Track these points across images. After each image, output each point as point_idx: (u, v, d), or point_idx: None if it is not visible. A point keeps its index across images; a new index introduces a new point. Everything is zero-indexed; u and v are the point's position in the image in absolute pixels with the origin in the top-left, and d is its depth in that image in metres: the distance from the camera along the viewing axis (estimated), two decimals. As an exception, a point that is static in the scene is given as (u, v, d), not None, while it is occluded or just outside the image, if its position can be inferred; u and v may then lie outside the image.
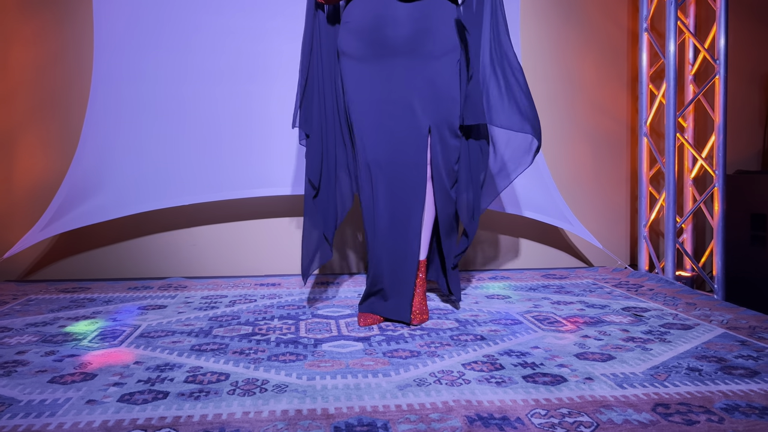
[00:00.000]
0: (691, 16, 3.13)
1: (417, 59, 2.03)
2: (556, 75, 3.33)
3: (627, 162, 3.42)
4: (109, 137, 2.88)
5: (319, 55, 2.21)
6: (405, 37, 2.01)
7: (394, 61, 2.03)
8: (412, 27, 2.01)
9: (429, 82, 2.05)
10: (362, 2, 2.04)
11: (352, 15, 2.07)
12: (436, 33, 2.04)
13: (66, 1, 2.98)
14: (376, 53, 2.04)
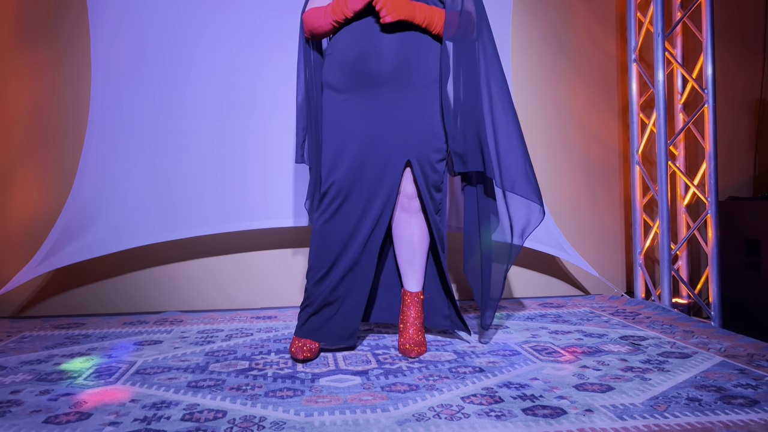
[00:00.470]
0: (679, 47, 3.20)
1: (399, 91, 2.05)
2: (548, 104, 3.38)
3: (620, 189, 3.45)
4: (105, 171, 2.89)
5: (315, 89, 2.23)
6: (388, 69, 2.03)
7: (377, 92, 2.04)
8: (395, 59, 2.02)
9: (411, 113, 2.06)
10: (346, 35, 2.06)
11: (336, 47, 2.09)
12: (419, 65, 2.06)
13: (65, 38, 3.01)
14: (359, 85, 2.05)
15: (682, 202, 3.21)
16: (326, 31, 2.10)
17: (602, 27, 3.43)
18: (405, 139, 2.06)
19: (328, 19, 2.04)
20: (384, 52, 2.02)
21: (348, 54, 2.05)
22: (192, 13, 2.96)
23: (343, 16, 2.02)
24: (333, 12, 2.03)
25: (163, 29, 2.95)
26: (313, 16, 2.09)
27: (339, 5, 2.00)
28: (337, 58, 2.08)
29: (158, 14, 2.95)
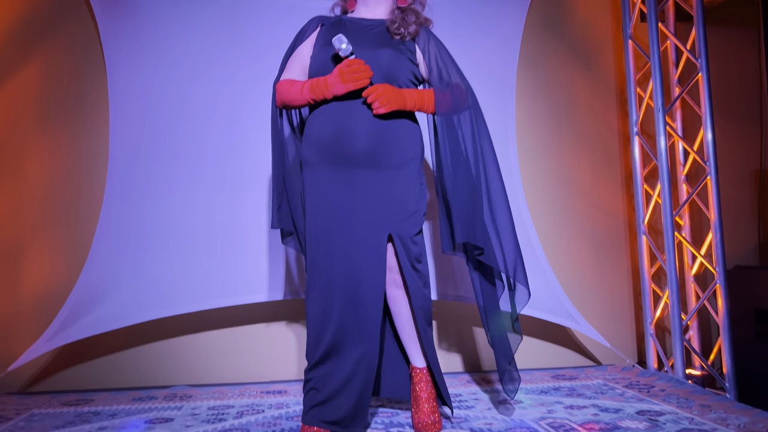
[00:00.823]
0: (678, 120, 3.29)
1: (376, 170, 2.04)
2: (552, 175, 3.45)
3: (627, 258, 3.48)
4: (119, 247, 2.92)
5: (286, 156, 2.27)
6: (364, 150, 2.03)
7: (354, 171, 2.04)
8: (370, 140, 2.03)
9: (387, 190, 2.05)
10: (322, 115, 2.07)
11: (313, 127, 2.10)
12: (395, 144, 2.07)
13: (84, 115, 3.10)
14: (336, 163, 2.05)
15: (690, 272, 3.23)
16: (301, 105, 2.12)
17: (603, 101, 3.54)
18: (383, 216, 2.05)
19: (305, 96, 2.06)
20: (359, 133, 2.03)
21: (324, 134, 2.06)
22: (208, 91, 3.06)
23: (321, 97, 2.03)
24: (312, 91, 2.04)
25: (180, 107, 3.05)
26: (287, 90, 2.11)
27: (319, 86, 2.02)
28: (313, 138, 2.09)
29: (175, 92, 3.05)
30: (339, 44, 1.98)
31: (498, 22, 3.34)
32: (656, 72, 3.05)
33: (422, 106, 2.10)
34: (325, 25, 2.20)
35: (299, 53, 2.20)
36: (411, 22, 2.14)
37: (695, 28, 3.04)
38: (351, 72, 1.97)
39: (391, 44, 2.11)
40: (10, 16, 3.10)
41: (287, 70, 2.20)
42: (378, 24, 2.17)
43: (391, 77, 2.07)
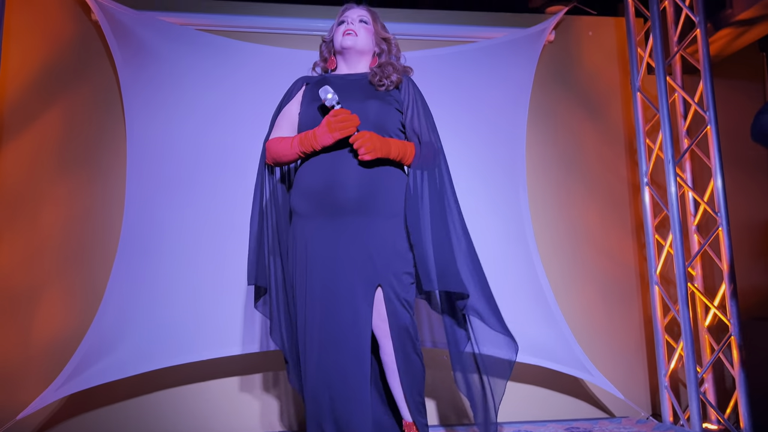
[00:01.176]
0: (688, 171, 3.32)
1: (366, 219, 2.05)
2: (562, 223, 3.46)
3: (639, 308, 3.46)
4: (132, 293, 2.93)
5: (271, 213, 2.27)
6: (354, 200, 2.04)
7: (345, 220, 2.04)
8: (361, 189, 2.05)
9: (377, 240, 2.05)
10: (312, 165, 2.10)
11: (303, 178, 2.12)
12: (386, 194, 2.08)
13: (101, 162, 3.15)
14: (327, 213, 2.06)
15: (703, 323, 3.21)
16: (291, 160, 2.15)
17: (612, 150, 3.58)
18: (373, 265, 2.04)
19: (294, 150, 2.09)
20: (349, 183, 2.05)
21: (314, 184, 2.08)
22: (221, 139, 3.12)
23: (311, 149, 2.06)
24: (301, 144, 2.07)
25: (194, 154, 3.10)
26: (277, 146, 2.14)
27: (308, 139, 2.05)
28: (303, 189, 2.11)
29: (190, 140, 3.11)
30: (325, 95, 2.02)
31: (508, 73, 3.41)
32: (665, 124, 3.10)
33: (404, 156, 2.12)
34: (310, 83, 2.26)
35: (287, 112, 2.24)
36: (391, 72, 2.18)
37: (702, 82, 3.10)
38: (337, 121, 2.00)
39: (377, 95, 2.15)
40: (33, 64, 3.18)
41: (276, 129, 2.24)
42: (361, 77, 2.22)
43: (380, 127, 2.11)
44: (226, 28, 3.31)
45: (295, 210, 2.15)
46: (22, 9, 3.21)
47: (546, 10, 3.64)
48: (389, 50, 2.29)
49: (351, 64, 2.25)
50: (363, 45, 2.23)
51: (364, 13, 2.27)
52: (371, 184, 2.06)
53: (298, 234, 2.12)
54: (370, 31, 2.25)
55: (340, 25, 2.26)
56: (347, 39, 2.21)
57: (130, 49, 3.10)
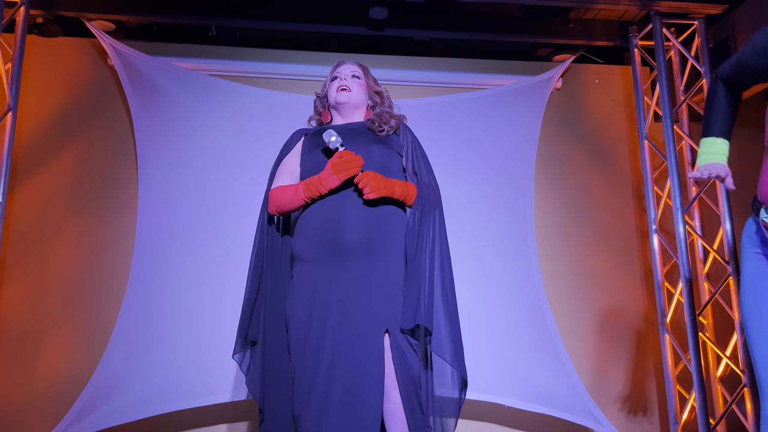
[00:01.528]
0: (697, 219, 3.32)
1: (370, 261, 2.03)
2: (570, 269, 3.45)
3: (649, 356, 3.42)
4: (139, 335, 2.92)
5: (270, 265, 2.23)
6: (358, 241, 2.03)
7: (350, 261, 2.02)
8: (364, 231, 2.04)
9: (383, 282, 2.03)
10: (316, 209, 2.09)
11: (307, 223, 2.11)
12: (390, 234, 2.08)
13: (112, 205, 3.19)
14: (331, 255, 2.04)
15: (715, 373, 3.17)
16: (296, 207, 2.14)
17: (619, 196, 3.59)
18: (379, 308, 2.01)
19: (300, 196, 2.08)
20: (353, 224, 2.04)
21: (318, 227, 2.07)
22: (232, 185, 3.14)
23: (317, 194, 2.06)
24: (306, 189, 2.07)
25: (204, 197, 3.13)
26: (281, 195, 2.14)
27: (313, 183, 2.06)
28: (308, 233, 2.10)
29: (201, 183, 3.14)
30: (329, 137, 2.04)
31: (516, 120, 3.46)
32: (674, 172, 3.11)
33: (407, 196, 2.14)
34: (308, 134, 2.29)
35: (287, 162, 2.26)
36: (388, 119, 2.23)
37: (710, 131, 3.12)
38: (342, 162, 2.02)
39: (379, 140, 2.18)
40: (49, 106, 3.24)
41: (277, 179, 2.25)
42: (360, 125, 2.25)
43: (384, 169, 2.12)
44: (238, 74, 3.38)
45: (298, 255, 2.13)
46: (42, 52, 3.29)
47: (553, 59, 3.70)
48: (382, 102, 2.34)
49: (346, 117, 2.29)
50: (357, 99, 2.28)
51: (356, 69, 2.32)
52: (376, 225, 2.06)
53: (302, 279, 2.09)
54: (363, 85, 2.30)
55: (333, 81, 2.30)
56: (341, 95, 2.25)
57: (145, 93, 3.16)
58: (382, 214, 2.08)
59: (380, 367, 1.96)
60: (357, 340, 1.97)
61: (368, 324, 1.99)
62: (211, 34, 3.62)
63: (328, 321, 2.00)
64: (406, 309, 2.04)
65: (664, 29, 3.27)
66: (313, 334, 2.01)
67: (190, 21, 3.29)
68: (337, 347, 1.97)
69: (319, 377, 1.97)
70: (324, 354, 1.98)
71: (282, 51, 3.48)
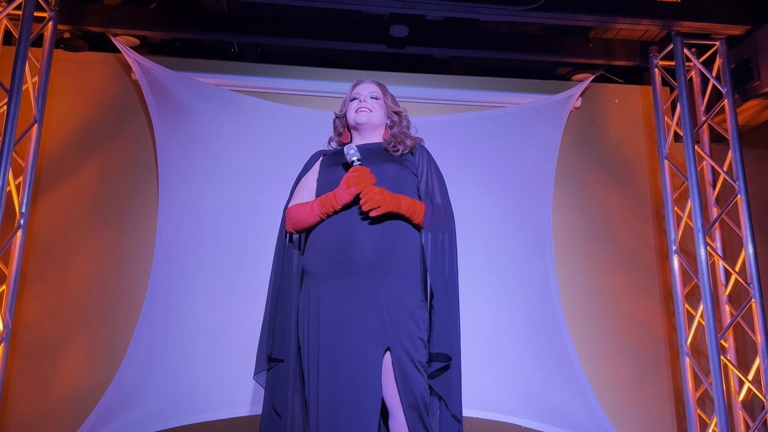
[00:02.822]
0: (718, 240, 3.29)
1: (379, 280, 2.03)
2: (590, 290, 3.42)
3: (669, 379, 3.36)
4: (156, 348, 2.93)
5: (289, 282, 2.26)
6: (369, 259, 2.03)
7: (359, 280, 2.03)
8: (375, 249, 2.04)
9: (391, 301, 2.02)
10: (328, 225, 2.10)
11: (318, 238, 2.12)
12: (401, 254, 2.07)
13: (132, 218, 3.21)
14: (341, 273, 2.04)
15: (737, 397, 3.11)
16: (313, 224, 2.15)
17: (639, 217, 3.56)
18: (384, 327, 2.01)
19: (315, 212, 2.10)
20: (365, 242, 2.05)
21: (330, 244, 2.08)
22: (251, 200, 3.17)
23: (332, 209, 2.08)
24: (321, 206, 2.09)
25: (224, 212, 3.15)
26: (297, 212, 2.16)
27: (328, 200, 2.08)
28: (318, 248, 2.11)
29: (221, 198, 3.16)
30: (348, 151, 2.07)
31: (535, 138, 3.45)
32: (695, 193, 3.08)
33: (413, 214, 2.12)
34: (326, 155, 2.33)
35: (306, 181, 2.29)
36: (404, 138, 2.25)
37: (731, 151, 3.11)
38: (355, 177, 2.04)
39: (394, 160, 2.20)
40: (74, 120, 3.29)
41: (295, 198, 2.28)
42: (377, 146, 2.27)
43: (397, 188, 2.13)
44: (259, 89, 3.41)
45: (307, 270, 2.14)
46: (68, 66, 3.35)
47: (572, 78, 3.70)
48: (400, 122, 2.36)
49: (365, 137, 2.31)
50: (376, 120, 2.29)
51: (375, 89, 2.33)
52: (386, 244, 2.06)
53: (309, 295, 2.11)
54: (382, 106, 2.32)
55: (352, 102, 2.32)
56: (361, 116, 2.27)
57: (168, 108, 3.21)
58: (393, 233, 2.08)
59: (377, 386, 1.97)
60: (357, 357, 1.98)
61: (368, 342, 1.99)
62: (233, 50, 3.67)
63: (331, 337, 2.01)
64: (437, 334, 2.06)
65: (685, 49, 3.26)
66: (318, 350, 2.02)
67: (212, 37, 3.33)
68: (339, 363, 1.98)
69: (323, 393, 1.99)
70: (326, 370, 1.99)
71: (303, 68, 3.52)
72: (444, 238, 2.17)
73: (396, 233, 2.09)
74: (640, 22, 3.14)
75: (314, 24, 3.34)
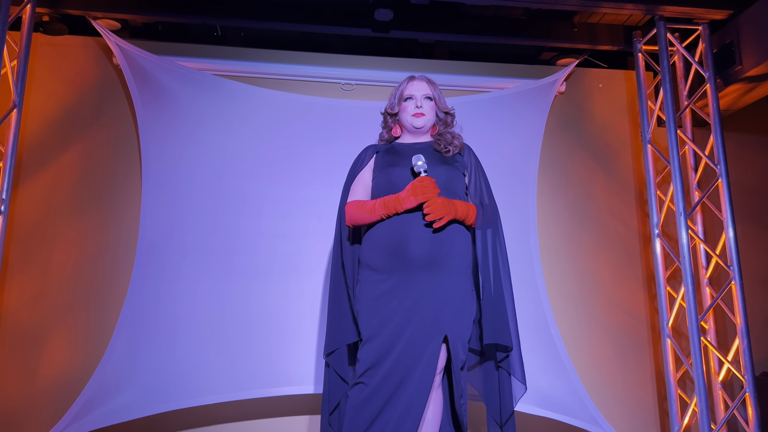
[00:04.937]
0: (699, 223, 3.32)
1: (435, 274, 2.16)
2: (573, 273, 3.46)
3: (651, 360, 3.42)
4: (141, 334, 2.91)
5: (351, 271, 2.37)
6: (425, 255, 2.16)
7: (413, 275, 2.16)
8: (430, 246, 2.17)
9: (446, 294, 2.16)
10: (387, 224, 2.23)
11: (378, 234, 2.24)
12: (452, 251, 2.20)
13: (115, 205, 3.19)
14: (398, 268, 2.18)
15: (717, 378, 3.16)
16: (372, 222, 2.27)
17: (622, 201, 3.59)
18: (441, 318, 2.15)
19: (377, 213, 2.22)
20: (421, 239, 2.18)
21: (389, 240, 2.21)
22: (236, 185, 3.15)
23: (394, 212, 2.20)
24: (384, 207, 2.21)
25: (209, 199, 3.13)
26: (357, 210, 2.28)
27: (391, 202, 2.19)
28: (378, 243, 2.23)
29: (206, 185, 3.14)
30: (416, 161, 2.19)
31: (520, 123, 3.46)
32: (677, 177, 3.11)
33: (467, 217, 2.25)
34: (380, 152, 2.41)
35: (361, 178, 2.38)
36: (451, 139, 2.36)
37: (713, 136, 3.14)
38: (422, 187, 2.15)
39: (446, 161, 2.31)
40: (54, 105, 3.24)
41: (352, 194, 2.37)
42: (426, 146, 2.37)
43: (450, 191, 2.25)
44: (243, 74, 3.38)
45: (367, 263, 2.26)
46: (47, 50, 3.30)
47: (557, 62, 3.71)
48: (449, 121, 2.43)
49: (416, 136, 2.41)
50: (430, 123, 2.39)
51: (428, 90, 2.40)
52: (440, 241, 2.18)
53: (369, 286, 2.22)
54: (433, 108, 2.39)
55: (406, 101, 2.38)
56: (418, 120, 2.35)
57: (150, 93, 3.17)
58: (447, 232, 2.21)
59: (432, 372, 2.12)
60: (416, 346, 2.13)
61: (428, 332, 2.14)
62: (217, 34, 3.63)
63: (392, 327, 2.15)
64: (486, 325, 2.20)
65: (668, 34, 3.27)
66: (379, 339, 2.15)
67: (195, 21, 3.29)
68: (398, 353, 2.13)
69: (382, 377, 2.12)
70: (387, 359, 2.12)
71: (287, 52, 3.49)
72: (489, 234, 2.31)
73: (448, 232, 2.22)
74: (623, 6, 3.15)
75: (298, 8, 3.31)
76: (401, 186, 2.21)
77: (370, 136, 2.60)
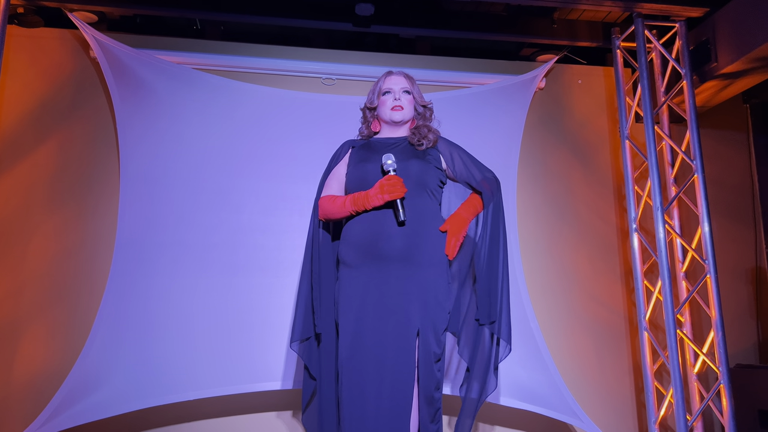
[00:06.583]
0: (676, 218, 3.37)
1: (409, 267, 2.21)
2: (552, 267, 3.49)
3: (628, 353, 3.46)
4: (120, 330, 2.89)
5: (318, 264, 2.40)
6: (398, 249, 2.21)
7: (389, 268, 2.21)
8: (404, 241, 2.22)
9: (420, 288, 2.20)
10: (360, 220, 2.28)
11: (351, 231, 2.30)
12: (427, 244, 2.24)
13: (92, 199, 3.15)
14: (371, 262, 2.22)
15: (692, 370, 3.22)
16: (342, 217, 2.33)
17: (600, 196, 3.63)
18: (414, 310, 2.19)
19: (347, 209, 2.27)
20: (394, 235, 2.23)
21: (362, 237, 2.26)
22: (215, 180, 3.13)
23: (363, 208, 2.25)
24: (354, 204, 2.25)
25: (188, 193, 3.11)
26: (329, 205, 2.33)
27: (360, 199, 2.24)
28: (352, 240, 2.28)
29: (185, 179, 3.12)
30: (386, 160, 2.24)
31: (500, 119, 3.48)
32: (654, 172, 3.16)
33: (476, 211, 2.35)
34: (355, 147, 2.44)
35: (336, 173, 2.43)
36: (426, 133, 2.39)
37: (689, 132, 3.18)
38: (389, 185, 2.19)
39: (417, 156, 2.34)
40: (30, 98, 3.20)
41: (326, 188, 2.43)
42: (402, 141, 2.41)
43: (421, 184, 2.29)
44: (222, 68, 3.36)
45: (343, 260, 2.31)
46: (22, 43, 3.24)
47: (537, 59, 3.73)
48: (425, 115, 2.47)
49: (394, 130, 2.45)
50: (408, 116, 2.43)
51: (406, 84, 2.43)
52: (413, 236, 2.23)
53: (346, 282, 2.27)
54: (411, 101, 2.43)
55: (385, 95, 2.41)
56: (396, 114, 2.39)
57: (128, 87, 3.13)
58: (419, 226, 2.26)
59: (411, 365, 2.17)
60: (391, 340, 2.17)
61: (402, 325, 2.18)
62: (196, 27, 3.60)
63: (367, 321, 2.20)
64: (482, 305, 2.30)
65: (646, 31, 3.31)
66: (353, 333, 2.20)
67: (174, 14, 3.25)
68: (371, 347, 2.17)
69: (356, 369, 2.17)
70: (359, 354, 2.17)
71: (267, 46, 3.47)
72: (491, 209, 2.37)
73: (421, 226, 2.26)
74: (602, 2, 3.18)
75: (279, 2, 3.29)
76: (372, 182, 2.25)
77: (351, 131, 2.60)
